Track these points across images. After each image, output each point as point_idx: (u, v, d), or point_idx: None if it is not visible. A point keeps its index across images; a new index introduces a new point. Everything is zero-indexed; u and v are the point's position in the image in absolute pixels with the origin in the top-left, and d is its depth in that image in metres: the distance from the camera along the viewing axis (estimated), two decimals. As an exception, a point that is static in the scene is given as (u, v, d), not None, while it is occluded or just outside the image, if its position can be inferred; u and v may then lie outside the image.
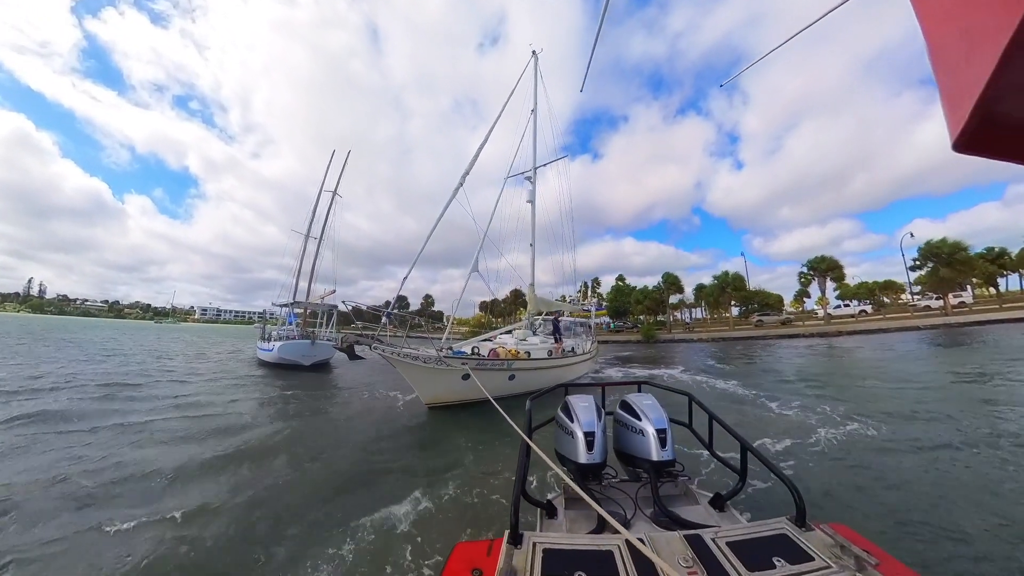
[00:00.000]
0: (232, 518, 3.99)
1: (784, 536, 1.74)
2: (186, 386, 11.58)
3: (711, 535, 1.73)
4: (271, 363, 18.18)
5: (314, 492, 4.62)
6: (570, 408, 2.89)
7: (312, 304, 20.61)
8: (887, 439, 5.70)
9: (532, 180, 15.79)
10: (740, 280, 43.75)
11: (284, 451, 5.94)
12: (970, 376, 9.85)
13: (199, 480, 4.94)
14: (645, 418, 2.82)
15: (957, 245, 32.69)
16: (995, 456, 4.89)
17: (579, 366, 13.09)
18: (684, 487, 2.78)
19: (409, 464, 5.49)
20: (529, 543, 1.63)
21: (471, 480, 4.89)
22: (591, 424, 2.73)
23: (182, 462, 5.43)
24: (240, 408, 8.77)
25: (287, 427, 7.17)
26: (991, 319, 26.21)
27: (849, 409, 7.29)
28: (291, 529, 3.82)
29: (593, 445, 2.65)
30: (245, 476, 5.08)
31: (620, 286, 53.44)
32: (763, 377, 12.25)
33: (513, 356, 9.78)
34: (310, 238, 24.21)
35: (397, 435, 6.84)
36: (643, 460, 2.73)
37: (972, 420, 6.34)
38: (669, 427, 2.82)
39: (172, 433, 6.76)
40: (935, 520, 3.54)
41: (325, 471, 5.26)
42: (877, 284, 58.87)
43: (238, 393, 10.82)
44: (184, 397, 9.85)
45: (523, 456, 2.24)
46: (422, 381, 8.38)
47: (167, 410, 8.36)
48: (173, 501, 4.33)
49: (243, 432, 6.86)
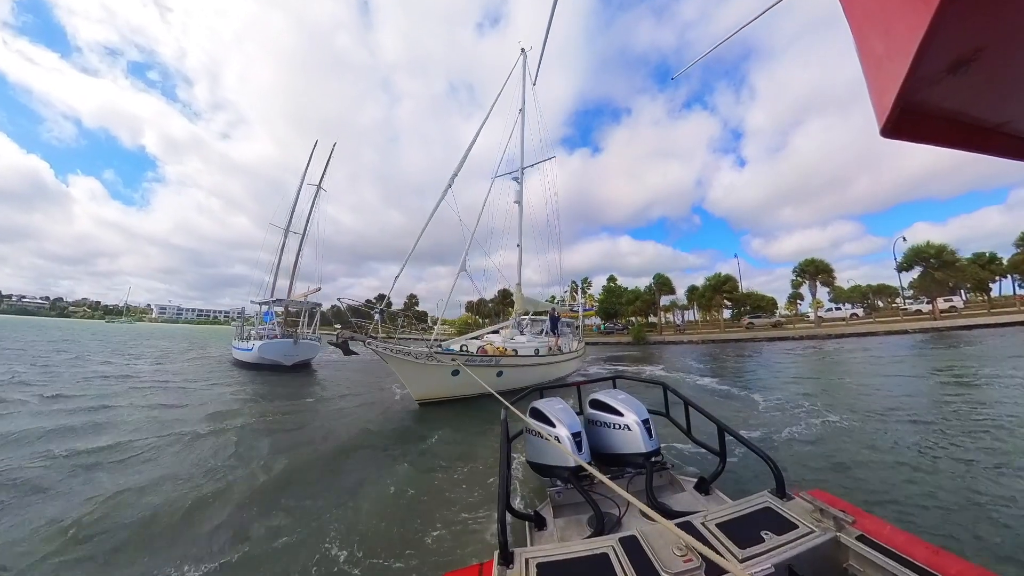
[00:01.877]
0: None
1: (768, 509, 1.89)
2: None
3: (700, 520, 1.84)
4: (250, 363, 18.48)
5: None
6: (545, 414, 2.99)
7: (295, 302, 21.07)
8: (854, 429, 6.66)
9: (519, 181, 16.66)
10: (732, 282, 45.51)
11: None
12: (943, 377, 11.10)
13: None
14: (627, 412, 2.95)
15: (943, 249, 34.94)
16: (935, 439, 5.92)
17: (566, 364, 14.04)
18: (669, 476, 2.91)
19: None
20: (521, 561, 1.65)
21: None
22: (575, 424, 2.86)
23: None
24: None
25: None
26: (979, 323, 28.09)
27: (825, 404, 8.38)
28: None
29: (582, 445, 2.77)
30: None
31: (611, 287, 54.80)
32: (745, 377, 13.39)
33: (501, 353, 10.65)
34: (290, 233, 24.72)
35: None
36: (633, 455, 2.85)
37: (927, 409, 7.50)
38: (650, 417, 3.00)
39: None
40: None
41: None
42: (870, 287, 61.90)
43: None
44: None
45: (504, 468, 2.25)
46: (413, 377, 9.15)
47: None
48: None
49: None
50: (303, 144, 30.78)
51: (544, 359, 12.34)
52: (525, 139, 17.59)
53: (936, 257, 34.72)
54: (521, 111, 17.57)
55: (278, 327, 20.55)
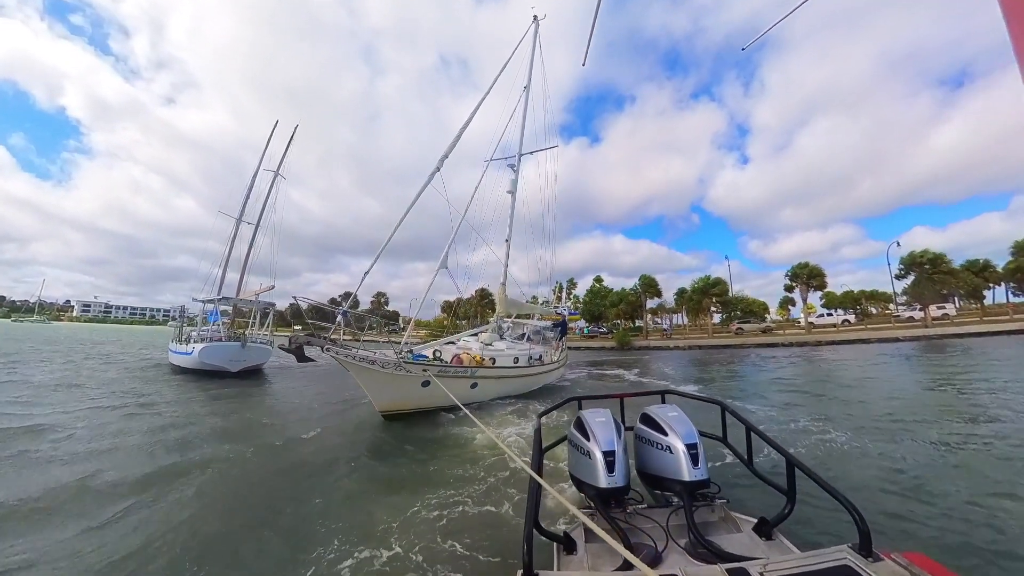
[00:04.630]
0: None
1: (847, 568, 1.70)
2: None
3: (759, 569, 1.71)
4: (189, 369, 17.71)
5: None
6: (585, 424, 2.89)
7: (245, 301, 20.34)
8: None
9: (515, 169, 16.00)
10: (722, 285, 46.71)
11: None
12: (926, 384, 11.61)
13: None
14: (672, 432, 2.79)
15: (938, 257, 37.00)
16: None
17: (547, 375, 13.87)
18: (722, 512, 2.74)
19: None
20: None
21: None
22: (610, 442, 2.72)
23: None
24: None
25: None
26: (970, 331, 29.77)
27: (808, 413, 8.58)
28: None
29: (614, 466, 2.64)
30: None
31: (596, 288, 55.38)
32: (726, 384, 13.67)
33: (477, 363, 10.49)
34: (243, 223, 23.82)
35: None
36: (672, 481, 2.70)
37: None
38: (700, 442, 2.79)
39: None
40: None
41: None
42: (863, 293, 64.71)
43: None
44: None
45: (533, 482, 2.21)
46: (378, 387, 8.84)
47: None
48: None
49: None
50: (267, 118, 29.36)
51: (524, 370, 12.21)
52: (525, 123, 16.62)
53: (932, 264, 36.73)
54: (526, 88, 16.69)
55: (223, 328, 19.78)
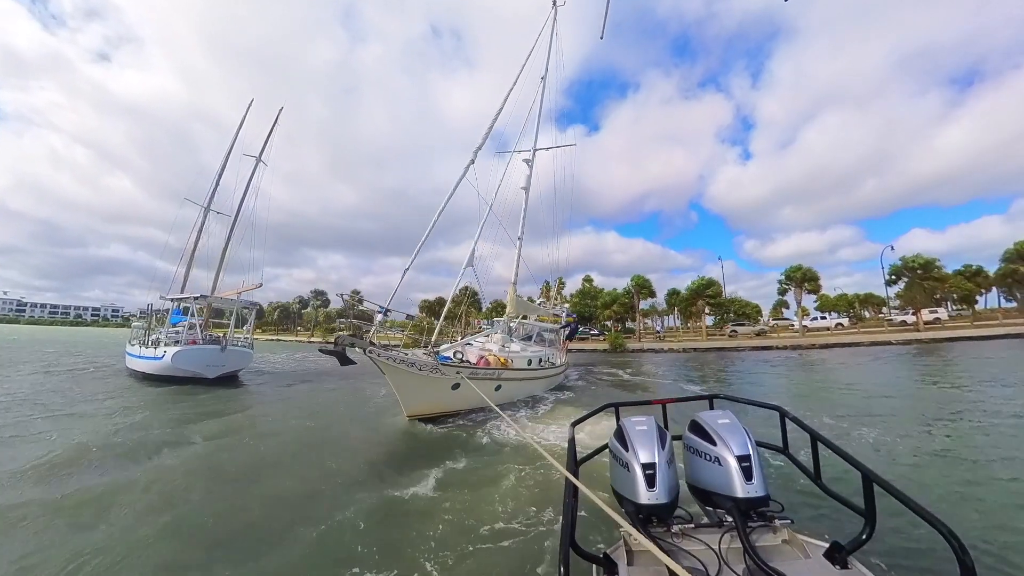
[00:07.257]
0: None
1: None
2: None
3: None
4: (156, 376, 17.21)
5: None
6: (624, 433, 2.80)
7: (225, 300, 20.05)
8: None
9: (530, 164, 16.45)
10: (716, 286, 48.47)
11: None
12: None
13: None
14: (721, 442, 2.65)
15: (930, 262, 40.00)
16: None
17: (556, 377, 14.64)
18: (786, 534, 2.56)
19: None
20: None
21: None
22: (650, 453, 2.61)
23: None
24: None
25: None
26: (961, 336, 32.17)
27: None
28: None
29: (654, 481, 2.53)
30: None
31: (587, 288, 56.43)
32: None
33: (503, 365, 10.97)
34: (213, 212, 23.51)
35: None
36: (724, 497, 2.57)
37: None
38: (755, 453, 2.63)
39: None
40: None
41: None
42: (857, 296, 68.25)
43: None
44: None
45: (569, 497, 2.17)
46: (410, 389, 9.19)
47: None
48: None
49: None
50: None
51: (539, 372, 12.83)
52: (541, 115, 17.17)
53: (924, 269, 39.40)
54: (543, 79, 17.13)
55: (199, 329, 19.43)
